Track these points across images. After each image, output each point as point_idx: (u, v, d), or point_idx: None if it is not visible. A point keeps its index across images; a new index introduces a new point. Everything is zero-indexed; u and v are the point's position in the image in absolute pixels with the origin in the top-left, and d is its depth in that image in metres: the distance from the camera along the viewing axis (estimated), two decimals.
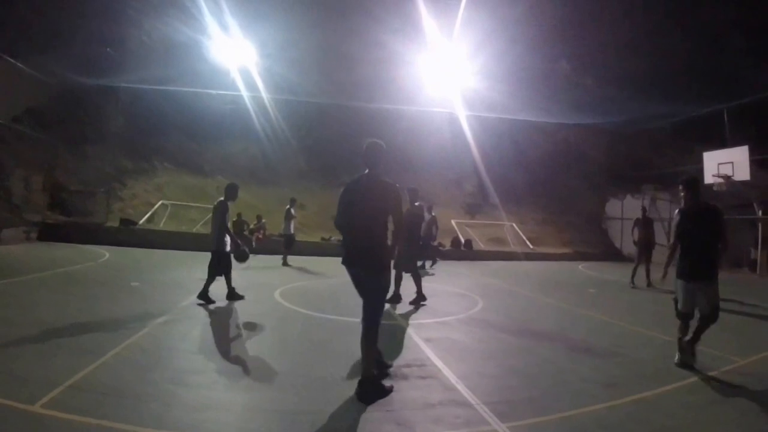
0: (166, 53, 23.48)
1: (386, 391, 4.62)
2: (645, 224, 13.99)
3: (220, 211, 8.40)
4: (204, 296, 8.32)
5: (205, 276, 8.38)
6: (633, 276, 13.60)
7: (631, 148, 27.73)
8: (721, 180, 19.43)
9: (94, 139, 22.96)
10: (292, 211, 15.69)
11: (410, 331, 7.14)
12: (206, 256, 8.51)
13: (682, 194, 6.04)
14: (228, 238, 8.48)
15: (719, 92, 22.00)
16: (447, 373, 5.31)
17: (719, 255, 5.89)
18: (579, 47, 27.85)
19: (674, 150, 25.72)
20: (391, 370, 5.26)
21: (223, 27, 22.28)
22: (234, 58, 23.65)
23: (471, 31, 23.12)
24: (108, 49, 22.99)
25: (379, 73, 24.31)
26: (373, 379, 4.64)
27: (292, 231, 15.64)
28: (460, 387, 4.87)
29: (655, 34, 26.63)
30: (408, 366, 5.52)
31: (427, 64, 24.73)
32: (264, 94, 24.25)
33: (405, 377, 5.15)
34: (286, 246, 15.60)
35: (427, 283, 12.27)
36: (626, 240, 25.14)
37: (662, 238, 24.23)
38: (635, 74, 25.50)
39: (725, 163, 19.36)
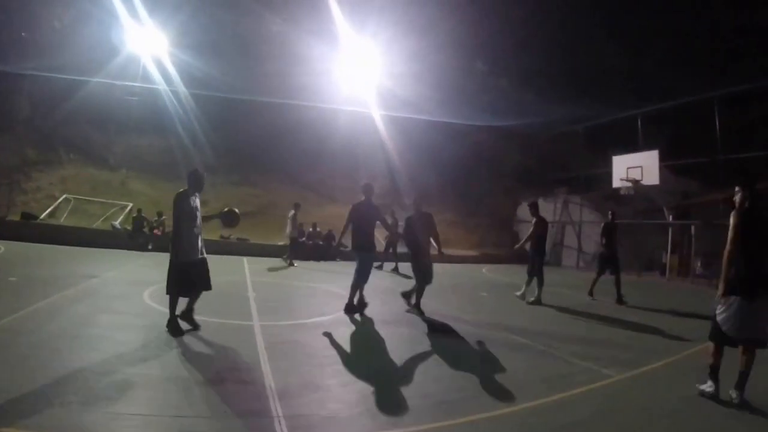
0: (75, 41, 22.52)
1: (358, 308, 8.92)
2: (614, 230, 12.33)
3: (174, 203, 6.67)
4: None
5: (94, 274, 7.82)
6: (619, 290, 11.98)
7: (544, 151, 28.30)
8: (629, 184, 19.91)
9: None
10: (297, 215, 16.41)
11: (257, 332, 7.00)
12: (105, 253, 8.09)
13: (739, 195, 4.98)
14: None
15: (633, 98, 22.64)
16: (269, 379, 5.01)
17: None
18: (493, 50, 28.34)
19: (587, 154, 26.32)
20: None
21: (135, 16, 21.68)
22: (144, 49, 23.11)
23: (386, 30, 23.20)
24: (23, 33, 22.12)
25: (290, 69, 24.14)
26: (351, 304, 8.81)
27: (296, 234, 16.60)
28: (272, 396, 4.53)
29: (569, 38, 27.29)
30: (232, 369, 5.30)
31: (341, 62, 24.81)
32: (175, 87, 23.79)
33: (223, 381, 4.89)
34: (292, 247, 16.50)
35: (313, 283, 12.07)
36: None
37: (573, 240, 24.84)
38: (549, 78, 26.07)
39: (634, 167, 19.76)
